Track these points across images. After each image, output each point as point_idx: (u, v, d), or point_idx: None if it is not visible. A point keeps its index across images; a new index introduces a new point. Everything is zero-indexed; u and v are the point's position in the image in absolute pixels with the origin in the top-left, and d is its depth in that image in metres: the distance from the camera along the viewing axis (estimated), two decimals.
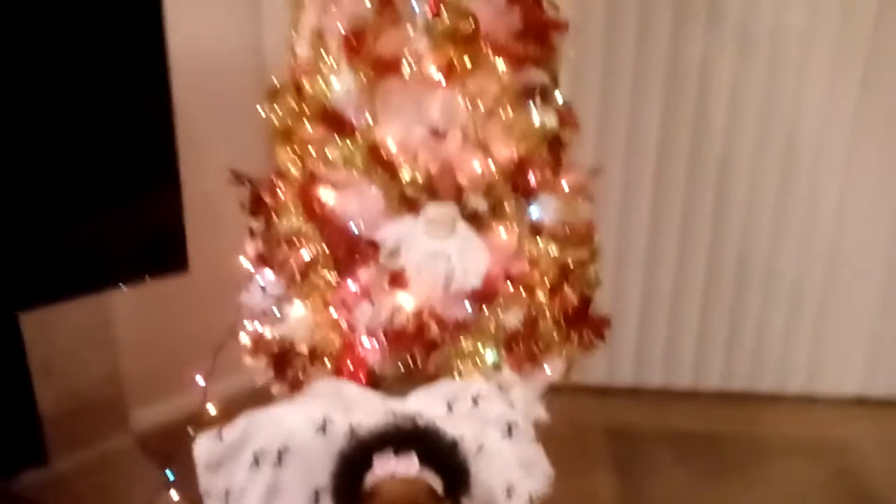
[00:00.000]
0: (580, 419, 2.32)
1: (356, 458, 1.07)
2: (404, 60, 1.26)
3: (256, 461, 1.14)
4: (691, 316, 2.42)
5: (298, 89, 1.35)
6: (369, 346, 1.37)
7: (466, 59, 1.24)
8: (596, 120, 2.21)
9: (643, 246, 2.35)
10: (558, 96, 1.43)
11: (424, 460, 1.04)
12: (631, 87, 2.19)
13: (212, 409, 1.45)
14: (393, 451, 1.05)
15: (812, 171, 2.28)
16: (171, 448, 1.67)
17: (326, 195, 1.36)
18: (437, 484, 1.05)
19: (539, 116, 1.30)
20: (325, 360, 1.39)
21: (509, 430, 1.25)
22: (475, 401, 1.28)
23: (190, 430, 1.29)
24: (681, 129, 2.23)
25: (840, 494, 2.08)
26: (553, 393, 1.50)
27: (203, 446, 1.18)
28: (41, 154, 1.50)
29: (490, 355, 1.40)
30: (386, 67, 1.27)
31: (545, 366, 1.47)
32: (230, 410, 1.28)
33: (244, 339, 1.53)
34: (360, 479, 1.05)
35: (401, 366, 1.39)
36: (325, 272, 1.37)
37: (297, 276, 1.38)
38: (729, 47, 2.16)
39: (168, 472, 1.68)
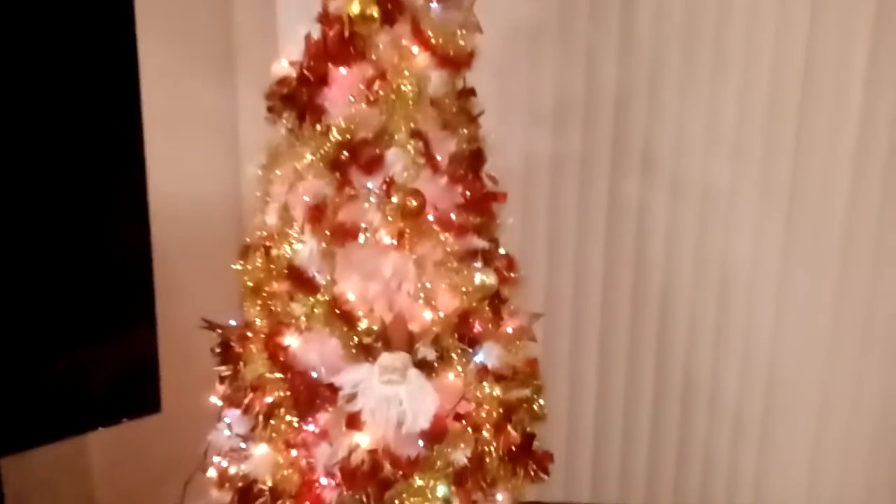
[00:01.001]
0: None
1: None
2: (361, 229, 1.43)
3: None
4: (642, 437, 2.55)
5: (267, 251, 1.51)
6: (327, 484, 1.49)
7: (414, 229, 1.41)
8: (543, 257, 2.40)
9: (594, 374, 2.50)
10: (501, 250, 1.62)
11: None
12: (574, 228, 2.40)
13: None
14: None
15: (746, 303, 2.46)
16: None
17: (290, 344, 1.50)
18: None
19: (479, 277, 1.47)
20: (286, 497, 1.50)
21: None
22: None
23: None
24: (623, 267, 2.43)
25: None
26: None
27: None
28: (18, 293, 1.59)
29: (441, 490, 1.52)
30: (345, 235, 1.44)
31: (493, 499, 1.59)
32: None
33: (211, 473, 1.64)
34: None
35: (357, 502, 1.51)
36: (288, 415, 1.49)
37: (262, 419, 1.51)
38: (662, 194, 2.38)
39: None
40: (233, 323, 1.62)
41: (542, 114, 2.31)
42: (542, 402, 1.67)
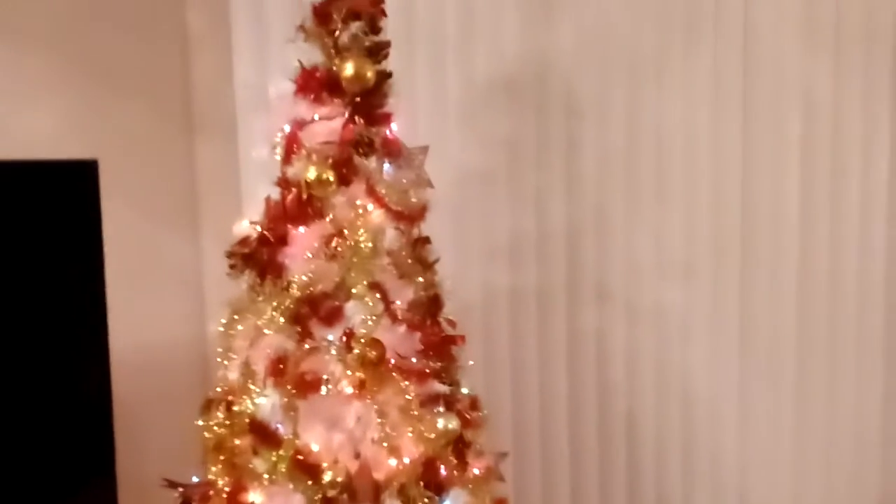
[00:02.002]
0: None
1: None
2: (323, 381, 1.45)
3: None
4: None
5: (229, 406, 1.52)
6: None
7: (375, 378, 1.44)
8: (508, 395, 2.42)
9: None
10: (464, 389, 1.65)
11: None
12: (537, 361, 2.44)
13: None
14: None
15: (709, 421, 2.50)
16: None
17: (253, 500, 1.49)
18: None
19: (442, 423, 1.49)
20: None
21: None
22: None
23: None
24: (587, 394, 2.46)
25: None
26: None
27: None
28: None
29: None
30: (306, 387, 1.46)
31: None
32: None
33: None
34: None
35: None
36: None
37: None
38: (619, 320, 2.46)
39: None
40: (195, 480, 1.61)
41: (498, 250, 2.40)
42: None
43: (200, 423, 1.57)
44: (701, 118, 2.40)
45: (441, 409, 1.52)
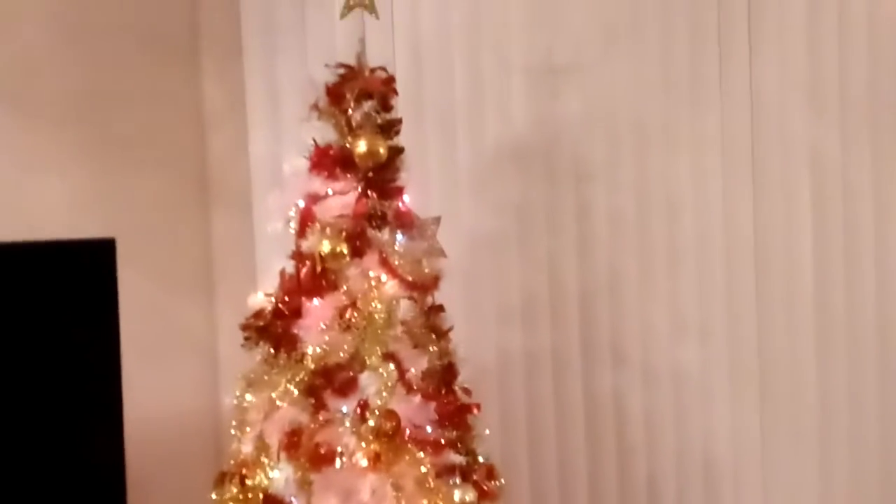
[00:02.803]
0: None
1: None
2: (337, 453, 1.45)
3: None
4: None
5: (242, 480, 1.51)
6: None
7: (390, 450, 1.44)
8: (526, 463, 2.39)
9: None
10: (480, 459, 1.64)
11: None
12: (554, 425, 2.41)
13: None
14: None
15: (731, 484, 2.44)
16: None
17: None
18: None
19: (459, 495, 1.48)
20: None
21: None
22: None
23: None
24: (606, 457, 2.43)
25: None
26: None
27: None
28: None
29: None
30: (321, 459, 1.46)
31: None
32: None
33: None
34: None
35: None
36: None
37: None
38: (635, 382, 2.44)
39: None
40: None
41: (511, 315, 2.41)
42: None
43: (214, 496, 1.57)
44: (710, 180, 2.42)
45: (457, 480, 1.51)
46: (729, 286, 2.43)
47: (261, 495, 1.50)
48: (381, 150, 1.51)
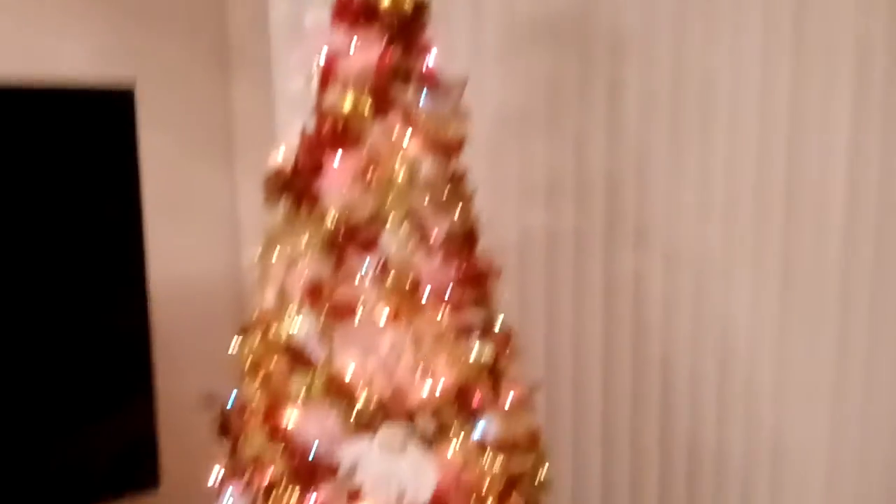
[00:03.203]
0: None
1: None
2: (357, 307, 1.48)
3: None
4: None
5: (265, 330, 1.56)
6: None
7: (410, 306, 1.46)
8: (542, 330, 2.44)
9: (598, 443, 2.50)
10: (498, 323, 1.67)
11: None
12: (571, 301, 2.44)
13: None
14: None
15: (747, 367, 2.47)
16: None
17: (289, 420, 1.54)
18: None
19: (477, 351, 1.51)
20: None
21: None
22: None
23: None
24: (622, 336, 2.46)
25: None
26: None
27: None
28: (23, 371, 1.65)
29: None
30: (341, 312, 1.49)
31: None
32: None
33: None
34: None
35: None
36: (288, 490, 1.51)
37: (262, 495, 1.53)
38: (657, 263, 2.44)
39: None
40: (232, 399, 1.66)
41: (535, 190, 2.39)
42: (545, 473, 1.69)
43: (237, 346, 1.62)
44: (749, 59, 2.32)
45: (475, 337, 1.53)
46: (760, 168, 2.38)
47: (283, 344, 1.55)
48: (406, 3, 1.46)
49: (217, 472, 1.66)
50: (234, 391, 1.66)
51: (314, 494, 1.52)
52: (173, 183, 2.14)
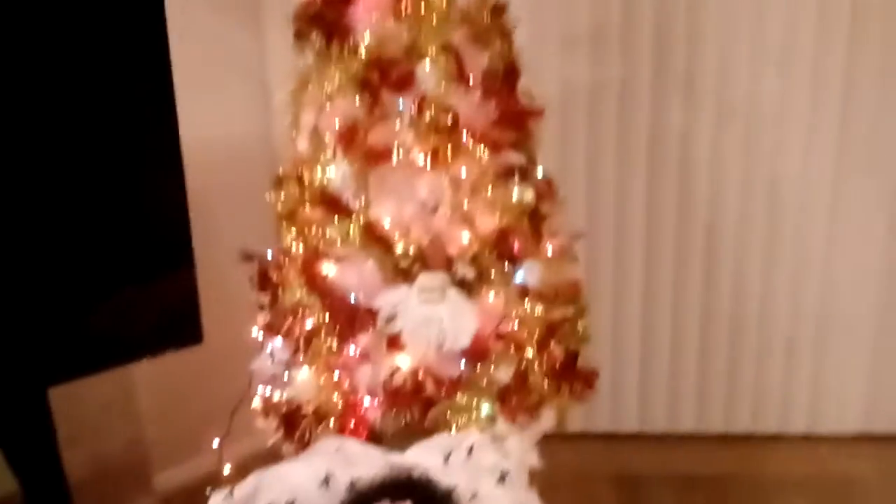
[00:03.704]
0: (585, 467, 2.40)
1: None
2: (393, 150, 1.41)
3: None
4: (690, 363, 2.52)
5: (300, 178, 1.50)
6: (370, 405, 1.50)
7: (449, 147, 1.39)
8: (584, 187, 2.36)
9: (639, 299, 2.46)
10: (539, 171, 1.59)
11: None
12: (615, 156, 2.34)
13: (227, 469, 1.57)
14: (389, 501, 1.16)
15: (797, 224, 2.40)
16: None
17: (327, 269, 1.50)
18: None
19: (518, 193, 1.44)
20: (330, 419, 1.51)
21: (502, 478, 1.36)
22: (469, 451, 1.39)
23: (208, 490, 1.41)
24: (666, 193, 2.37)
25: None
26: (558, 442, 1.60)
27: (216, 503, 1.30)
28: (69, 238, 1.63)
29: (485, 409, 1.52)
30: (377, 157, 1.42)
31: (538, 417, 1.58)
32: (244, 470, 1.40)
33: (256, 403, 1.66)
34: None
35: (400, 422, 1.51)
36: (328, 339, 1.50)
37: (302, 344, 1.52)
38: (707, 116, 2.30)
39: None
40: (269, 253, 1.63)
41: (578, 39, 2.25)
42: (585, 323, 1.65)
43: (272, 197, 1.57)
44: None
45: (515, 181, 1.46)
46: (820, 16, 2.20)
47: (318, 192, 1.49)
48: None
49: (258, 326, 1.65)
50: (271, 247, 1.63)
51: (354, 342, 1.51)
52: (201, 44, 2.04)
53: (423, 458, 1.37)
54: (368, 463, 1.34)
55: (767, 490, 2.33)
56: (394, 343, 1.47)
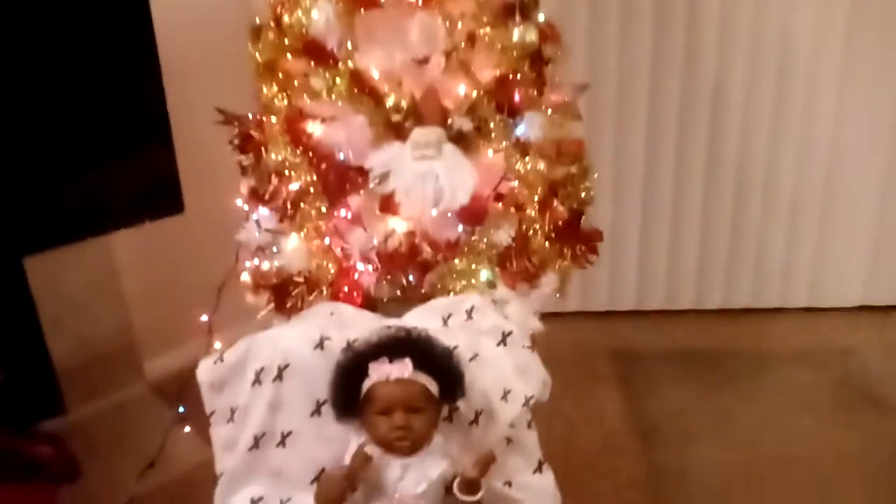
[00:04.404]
0: (584, 343, 2.37)
1: (352, 367, 1.11)
2: None
3: (258, 379, 1.18)
4: (692, 235, 2.44)
5: (279, 23, 1.36)
6: (363, 271, 1.41)
7: None
8: (586, 42, 2.20)
9: (640, 168, 2.36)
10: (540, 15, 1.45)
11: (419, 365, 1.09)
12: (619, 9, 2.18)
13: (218, 345, 1.50)
14: (387, 359, 1.09)
15: (806, 86, 2.28)
16: (183, 391, 1.75)
17: (313, 126, 1.38)
18: (432, 386, 1.09)
19: (519, 33, 1.31)
20: (322, 288, 1.43)
21: (503, 339, 1.29)
22: (469, 313, 1.32)
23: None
24: (672, 49, 2.23)
25: (846, 399, 2.14)
26: (556, 320, 1.52)
27: (205, 368, 1.23)
28: (42, 109, 1.57)
29: (483, 274, 1.44)
30: None
31: (539, 283, 1.50)
32: None
33: (245, 277, 1.57)
34: (357, 387, 1.10)
35: (395, 289, 1.43)
36: (317, 202, 1.40)
37: (290, 208, 1.41)
38: None
39: (181, 408, 1.74)
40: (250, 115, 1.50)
41: None
42: (588, 186, 1.55)
43: (250, 48, 1.43)
44: None
45: (517, 20, 1.32)
46: None
47: (299, 41, 1.35)
48: None
49: (243, 193, 1.54)
50: (252, 107, 1.50)
51: (345, 205, 1.40)
52: None
53: (420, 320, 1.30)
54: (364, 326, 1.27)
55: (768, 363, 2.31)
56: (387, 204, 1.36)
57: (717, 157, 2.35)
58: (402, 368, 1.07)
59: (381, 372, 1.07)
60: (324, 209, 1.40)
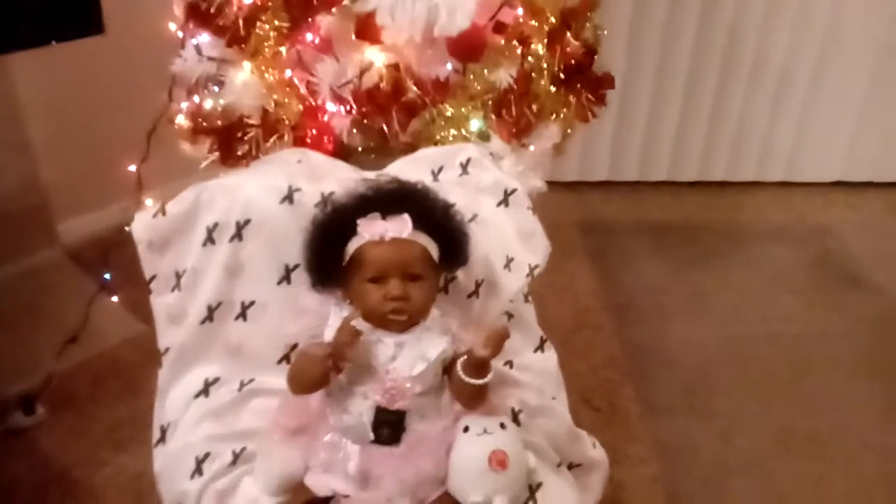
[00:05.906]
0: (553, 215, 2.16)
1: (334, 224, 0.88)
2: None
3: (211, 237, 0.95)
4: (672, 104, 2.25)
5: None
6: (335, 112, 1.16)
7: None
8: None
9: (624, 33, 2.12)
10: None
11: (417, 224, 0.87)
12: None
13: (150, 203, 1.23)
14: (380, 216, 0.87)
15: None
16: (106, 257, 1.50)
17: None
18: (432, 249, 0.88)
19: None
20: (282, 131, 1.17)
21: (506, 198, 1.08)
22: (464, 167, 1.10)
23: (127, 228, 1.08)
24: None
25: (822, 275, 2.07)
26: None
27: (143, 224, 0.98)
28: None
29: (474, 124, 1.21)
30: None
31: (538, 135, 1.28)
32: None
33: (180, 118, 1.29)
34: (339, 249, 0.87)
35: (373, 135, 1.19)
36: (276, 21, 1.12)
37: (241, 29, 1.12)
38: None
39: (106, 275, 1.50)
40: None
41: None
42: (597, 19, 1.31)
43: None
44: None
45: None
46: None
47: None
48: None
49: (179, 10, 1.23)
50: None
51: (312, 27, 1.13)
52: None
53: (406, 174, 1.07)
54: (340, 177, 1.03)
55: (743, 237, 2.21)
56: (366, 28, 1.10)
57: (708, 25, 2.13)
58: (401, 226, 0.85)
59: (374, 230, 0.85)
60: (285, 31, 1.12)
